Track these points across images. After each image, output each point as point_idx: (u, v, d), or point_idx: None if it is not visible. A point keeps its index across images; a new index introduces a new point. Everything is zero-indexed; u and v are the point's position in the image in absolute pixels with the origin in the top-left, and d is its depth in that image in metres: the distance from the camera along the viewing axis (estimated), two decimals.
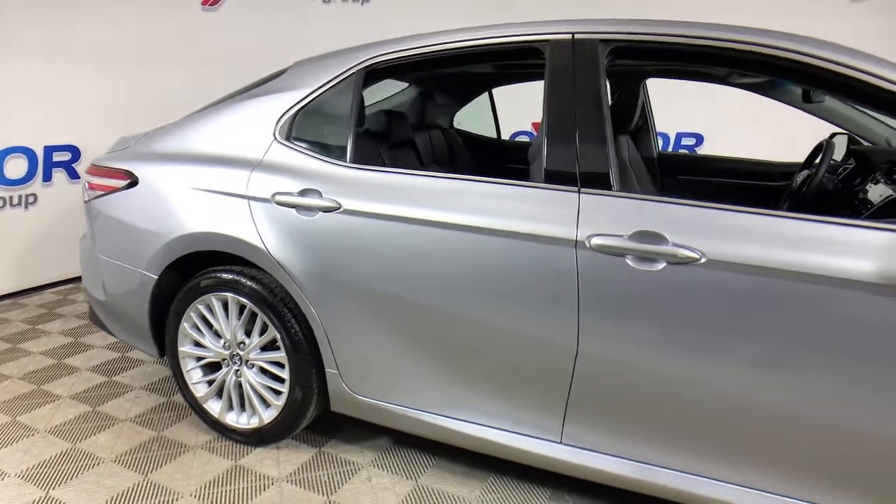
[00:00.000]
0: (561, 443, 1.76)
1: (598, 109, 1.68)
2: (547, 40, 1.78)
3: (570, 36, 1.76)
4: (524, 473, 2.01)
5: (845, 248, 1.38)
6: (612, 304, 1.58)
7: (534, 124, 5.21)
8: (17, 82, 3.71)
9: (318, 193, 1.94)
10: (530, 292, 1.67)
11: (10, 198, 3.82)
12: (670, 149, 5.64)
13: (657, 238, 1.52)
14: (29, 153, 3.86)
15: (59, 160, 4.02)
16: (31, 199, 3.92)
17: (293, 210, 1.97)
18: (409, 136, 2.88)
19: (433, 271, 1.79)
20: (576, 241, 1.60)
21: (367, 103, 3.26)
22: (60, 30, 3.87)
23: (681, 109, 5.30)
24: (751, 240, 1.45)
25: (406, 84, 3.36)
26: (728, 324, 1.48)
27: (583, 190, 1.65)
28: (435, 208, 1.79)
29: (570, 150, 1.68)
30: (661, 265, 1.52)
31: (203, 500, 1.94)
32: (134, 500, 1.93)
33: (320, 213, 1.93)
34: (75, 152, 4.07)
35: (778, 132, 4.49)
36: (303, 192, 1.97)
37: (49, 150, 3.96)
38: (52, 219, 4.01)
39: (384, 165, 2.35)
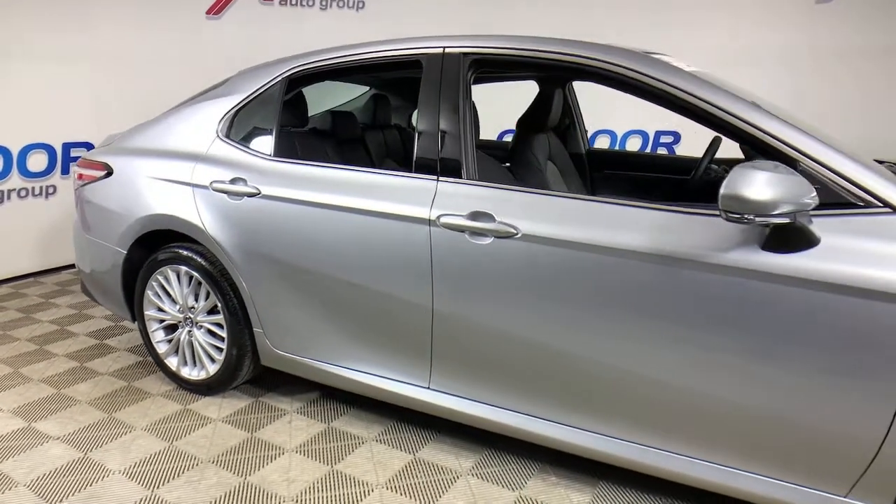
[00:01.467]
0: (429, 388, 2.11)
1: (457, 112, 2.02)
2: (424, 53, 2.13)
3: (441, 50, 2.10)
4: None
5: (631, 226, 1.68)
6: (455, 272, 1.92)
7: None
8: (38, 85, 4.25)
9: (244, 181, 2.34)
10: (399, 262, 2.03)
11: (32, 188, 4.37)
12: (649, 147, 5.87)
13: (487, 217, 1.86)
14: (49, 149, 4.41)
15: (76, 155, 4.54)
16: (50, 190, 4.46)
17: (225, 195, 2.38)
18: (358, 135, 3.25)
19: (329, 246, 2.16)
20: (429, 219, 1.95)
21: (335, 105, 3.66)
22: (78, 36, 4.39)
23: (658, 109, 5.53)
24: (555, 219, 1.77)
25: (367, 87, 3.74)
26: (540, 286, 1.80)
27: (440, 178, 2.00)
28: (332, 193, 2.16)
29: (433, 145, 2.03)
30: (490, 239, 1.85)
31: (151, 432, 2.37)
32: (96, 430, 2.37)
33: (245, 197, 2.33)
34: (91, 148, 4.59)
35: None
36: (233, 181, 2.37)
37: (67, 147, 4.50)
38: (69, 208, 4.53)
39: (314, 160, 2.71)
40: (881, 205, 1.48)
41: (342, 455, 2.21)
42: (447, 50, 2.09)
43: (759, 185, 1.40)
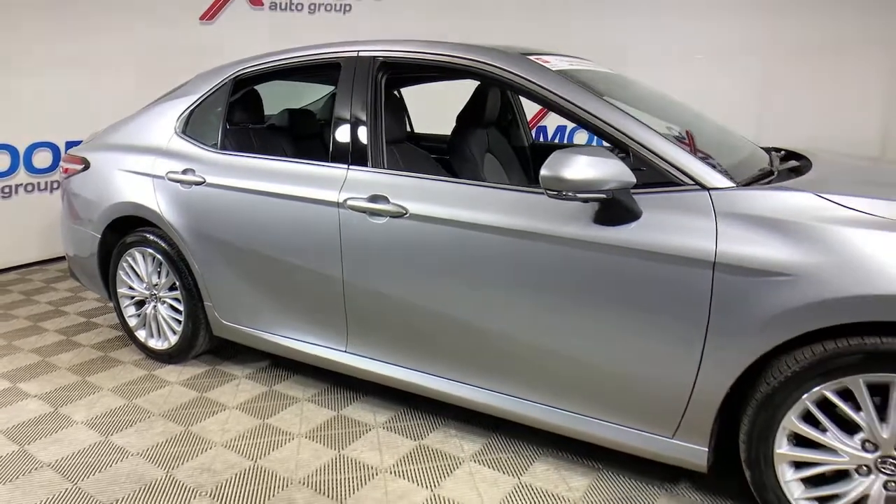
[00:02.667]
0: (346, 351, 2.40)
1: (366, 108, 2.30)
2: (342, 56, 2.42)
3: (356, 53, 2.38)
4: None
5: (493, 205, 1.94)
6: (359, 248, 2.21)
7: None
8: (42, 90, 4.65)
9: (193, 172, 2.66)
10: (316, 240, 2.32)
11: (38, 183, 4.78)
12: (594, 142, 6.05)
13: (383, 199, 2.14)
14: (53, 147, 4.81)
15: None
16: (54, 185, 4.87)
17: (178, 185, 2.70)
18: (316, 130, 3.55)
19: (261, 227, 2.46)
20: (338, 202, 2.23)
21: (310, 102, 3.95)
22: (78, 44, 4.78)
23: None
24: (436, 199, 2.04)
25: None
26: (426, 259, 2.07)
27: (350, 167, 2.28)
28: (263, 181, 2.46)
29: (346, 138, 2.31)
30: (385, 219, 2.13)
31: (116, 392, 2.70)
32: (69, 390, 2.72)
33: (193, 186, 2.64)
34: None
35: (734, 119, 4.87)
36: (184, 171, 2.69)
37: (69, 145, 4.87)
38: None
39: (270, 154, 2.99)
40: (693, 183, 1.72)
41: (275, 412, 2.51)
42: (360, 53, 2.37)
43: (576, 166, 1.65)
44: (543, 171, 1.67)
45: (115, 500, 1.97)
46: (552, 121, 6.15)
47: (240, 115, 2.97)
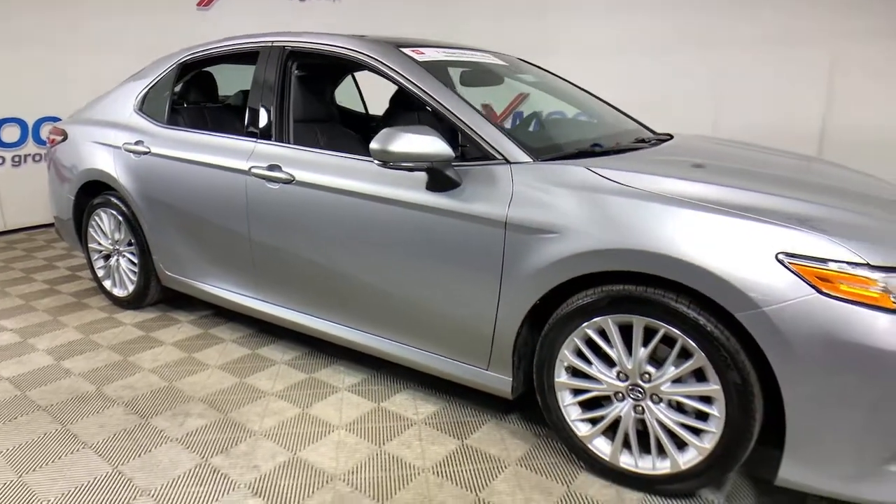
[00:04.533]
0: (256, 298, 2.83)
1: (272, 90, 2.69)
2: (261, 45, 2.82)
3: (271, 43, 2.78)
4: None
5: (354, 174, 2.33)
6: (259, 209, 2.62)
7: (483, 105, 6.06)
8: (47, 70, 5.19)
9: (143, 143, 3.11)
10: (230, 203, 2.74)
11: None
12: None
13: (278, 168, 2.54)
14: (21, 123, 5.33)
15: None
16: None
17: (131, 154, 3.16)
18: None
19: (190, 191, 2.90)
20: (246, 170, 2.65)
21: None
22: (81, 28, 5.30)
23: (602, 94, 5.98)
24: (314, 168, 2.44)
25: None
26: (307, 219, 2.47)
27: (258, 140, 2.69)
28: (193, 152, 2.89)
29: (255, 116, 2.72)
30: (279, 185, 2.54)
31: (77, 329, 3.20)
32: (40, 327, 3.22)
33: (142, 155, 3.10)
34: None
35: (687, 112, 5.17)
36: (136, 143, 3.14)
37: None
38: None
39: (224, 131, 3.38)
40: (501, 158, 2.07)
41: (201, 349, 2.97)
42: (274, 43, 2.77)
43: (400, 141, 2.02)
44: (373, 145, 2.05)
45: (50, 405, 2.45)
46: (528, 108, 6.44)
47: (193, 94, 3.41)
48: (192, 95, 3.40)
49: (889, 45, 4.40)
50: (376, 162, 2.09)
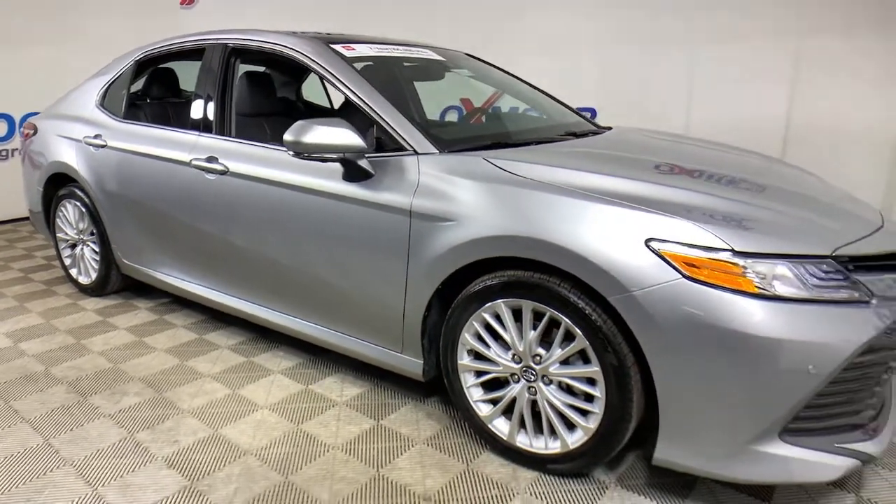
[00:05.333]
0: (203, 286, 2.95)
1: (215, 84, 2.80)
2: (208, 43, 2.93)
3: (216, 41, 2.89)
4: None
5: (273, 163, 2.43)
6: (200, 199, 2.73)
7: (462, 100, 6.14)
8: (32, 67, 5.35)
9: (101, 136, 3.24)
10: (175, 193, 2.85)
11: None
12: None
13: (214, 160, 2.65)
14: (8, 118, 5.50)
15: None
16: None
17: (91, 147, 3.29)
18: None
19: (142, 183, 3.02)
20: (188, 162, 2.76)
21: None
22: (69, 26, 5.46)
23: (578, 87, 6.04)
24: (243, 160, 2.54)
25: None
26: (238, 206, 2.57)
27: (201, 134, 2.80)
28: (144, 145, 3.01)
29: (200, 109, 2.83)
30: (215, 176, 2.65)
31: (40, 315, 3.34)
32: (5, 313, 3.37)
33: (100, 148, 3.23)
34: None
35: (665, 106, 5.22)
36: (95, 136, 3.27)
37: None
38: None
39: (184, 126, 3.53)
40: (410, 149, 2.16)
41: (153, 334, 3.09)
42: (219, 41, 2.88)
43: (312, 133, 2.11)
44: (286, 136, 2.14)
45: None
46: (506, 102, 6.50)
47: (155, 89, 3.54)
48: (154, 90, 3.52)
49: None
50: (290, 153, 2.18)
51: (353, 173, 2.20)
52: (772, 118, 4.76)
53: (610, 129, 3.05)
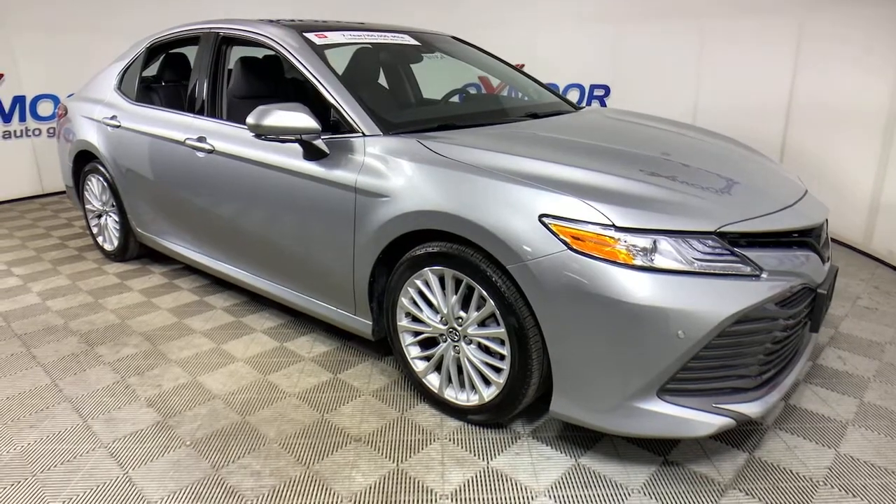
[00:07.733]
0: (199, 252, 3.29)
1: (207, 71, 3.09)
2: (202, 31, 3.22)
3: (208, 29, 3.18)
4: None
5: (250, 144, 2.70)
6: (193, 175, 3.05)
7: (480, 78, 6.28)
8: (48, 52, 5.78)
9: (116, 118, 3.61)
10: (173, 169, 3.18)
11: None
12: (584, 99, 6.40)
13: (203, 140, 2.96)
14: (55, 98, 5.95)
15: None
16: None
17: (108, 127, 3.66)
18: None
19: (149, 160, 3.37)
20: (183, 141, 3.08)
21: None
22: (80, 12, 5.88)
23: (592, 64, 6.08)
24: (226, 139, 2.83)
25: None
26: (224, 182, 2.88)
27: (195, 116, 3.11)
28: (150, 126, 3.35)
29: (198, 93, 3.14)
30: (204, 154, 2.95)
31: (67, 277, 3.78)
32: (39, 274, 3.82)
33: (115, 128, 3.60)
34: None
35: (675, 83, 5.25)
36: (112, 117, 3.64)
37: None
38: None
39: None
40: (359, 131, 2.39)
41: (161, 295, 3.47)
42: (211, 29, 3.16)
43: (271, 117, 2.36)
44: (248, 119, 2.40)
45: (24, 333, 3.01)
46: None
47: (168, 73, 3.87)
48: (167, 74, 3.85)
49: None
50: (252, 134, 2.45)
51: (311, 153, 2.46)
52: (778, 87, 4.73)
53: (581, 109, 3.19)
